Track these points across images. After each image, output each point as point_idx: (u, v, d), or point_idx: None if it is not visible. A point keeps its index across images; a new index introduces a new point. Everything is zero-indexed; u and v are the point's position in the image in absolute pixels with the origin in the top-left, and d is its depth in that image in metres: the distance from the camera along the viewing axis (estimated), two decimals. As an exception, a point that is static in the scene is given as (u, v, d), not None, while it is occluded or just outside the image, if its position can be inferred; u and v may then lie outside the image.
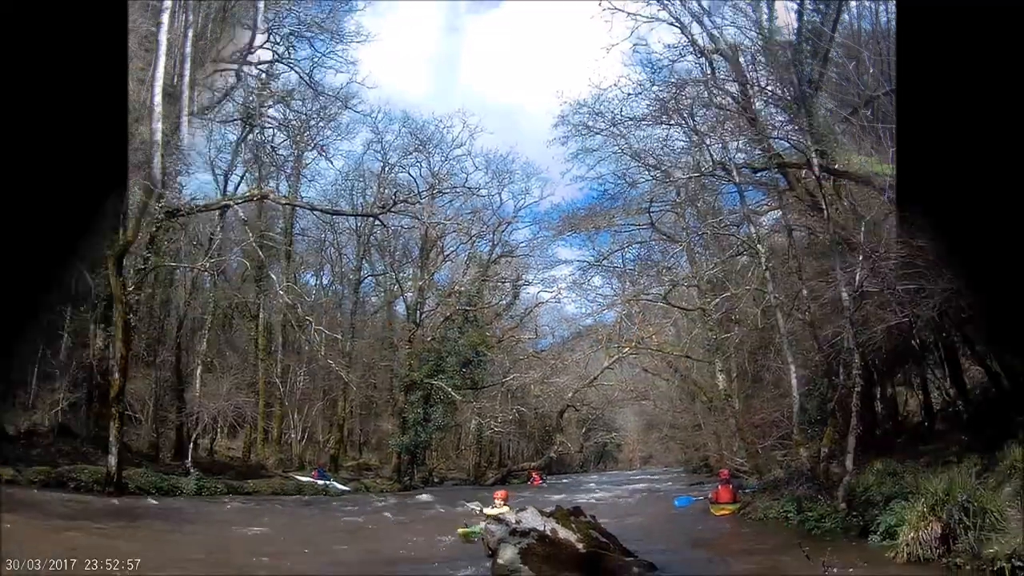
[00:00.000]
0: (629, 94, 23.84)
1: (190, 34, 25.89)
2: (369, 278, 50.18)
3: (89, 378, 29.23)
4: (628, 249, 34.28)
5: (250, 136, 35.21)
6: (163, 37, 24.88)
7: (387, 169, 45.38)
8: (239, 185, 38.31)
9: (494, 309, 51.64)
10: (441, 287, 49.98)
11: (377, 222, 39.04)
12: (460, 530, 16.49)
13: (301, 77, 28.51)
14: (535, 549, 10.38)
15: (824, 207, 17.62)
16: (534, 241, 50.66)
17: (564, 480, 52.31)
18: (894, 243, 14.92)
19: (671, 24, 22.95)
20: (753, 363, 30.01)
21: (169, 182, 27.50)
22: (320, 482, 33.67)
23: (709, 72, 22.64)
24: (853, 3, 19.80)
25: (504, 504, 18.19)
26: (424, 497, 31.19)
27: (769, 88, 20.85)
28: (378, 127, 47.79)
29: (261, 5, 26.77)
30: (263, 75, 27.98)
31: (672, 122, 23.45)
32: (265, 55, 28.61)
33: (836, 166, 19.99)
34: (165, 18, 24.74)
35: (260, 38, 26.26)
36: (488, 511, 17.61)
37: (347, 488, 34.69)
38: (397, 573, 13.32)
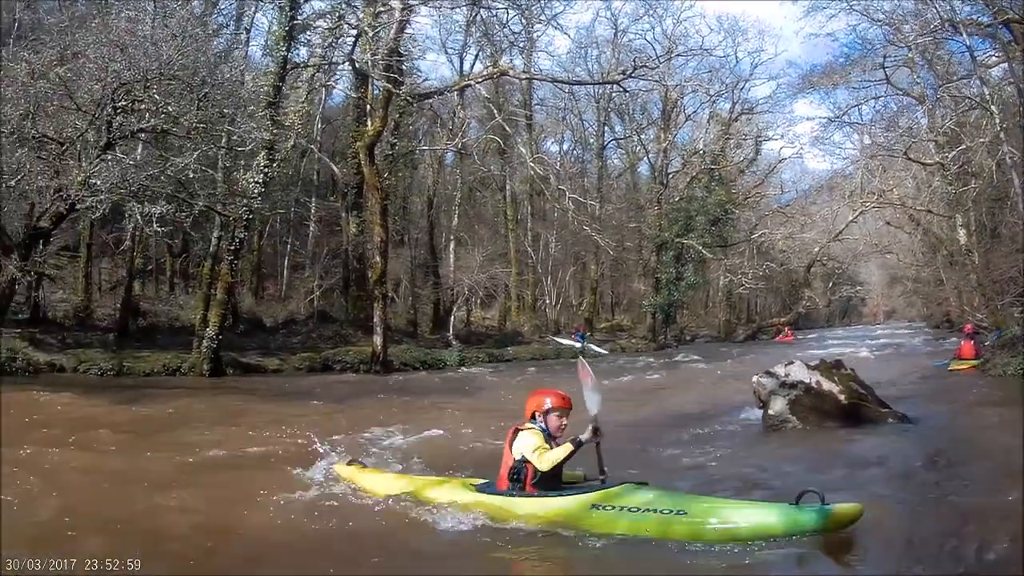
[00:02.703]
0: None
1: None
2: (612, 142, 51.23)
3: (345, 264, 31.70)
4: (865, 104, 33.80)
5: (478, 16, 36.22)
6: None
7: (619, 35, 45.88)
8: (473, 64, 40.06)
9: (738, 166, 51.94)
10: (684, 147, 50.82)
11: (616, 87, 39.84)
12: None
13: (524, -47, 29.37)
14: (802, 400, 11.14)
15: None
16: (773, 98, 50.33)
17: (811, 335, 52.78)
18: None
19: None
20: (991, 218, 29.36)
21: (408, 69, 29.37)
22: (578, 344, 34.52)
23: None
24: None
25: (560, 415, 6.64)
26: (683, 356, 32.07)
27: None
28: (606, -6, 48.24)
29: None
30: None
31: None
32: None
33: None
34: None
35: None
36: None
37: (604, 350, 35.70)
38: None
